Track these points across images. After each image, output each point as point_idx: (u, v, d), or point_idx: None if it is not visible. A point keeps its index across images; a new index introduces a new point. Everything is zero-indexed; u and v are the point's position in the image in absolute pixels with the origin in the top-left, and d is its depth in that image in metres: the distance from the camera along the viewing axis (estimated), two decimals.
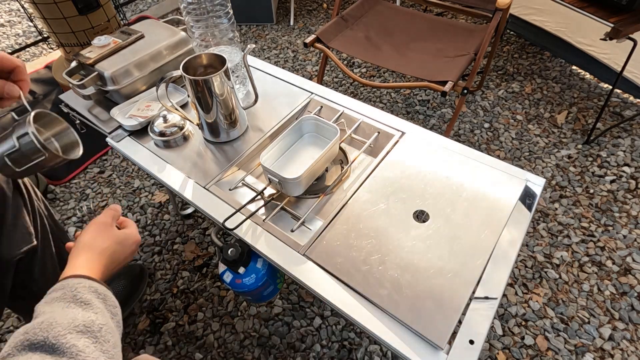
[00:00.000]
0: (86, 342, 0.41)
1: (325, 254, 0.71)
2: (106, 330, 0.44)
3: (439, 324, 0.62)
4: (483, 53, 1.37)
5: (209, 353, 1.13)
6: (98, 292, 0.48)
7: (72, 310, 0.44)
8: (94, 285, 0.48)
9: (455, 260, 0.69)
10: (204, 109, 0.86)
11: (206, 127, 0.92)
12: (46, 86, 2.10)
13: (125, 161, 1.70)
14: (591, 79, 1.90)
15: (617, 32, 1.24)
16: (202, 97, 0.83)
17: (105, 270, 0.55)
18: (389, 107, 1.87)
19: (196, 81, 0.80)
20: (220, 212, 0.79)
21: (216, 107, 0.86)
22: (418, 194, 0.80)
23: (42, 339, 0.39)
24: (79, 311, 0.44)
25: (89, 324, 0.43)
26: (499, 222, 0.74)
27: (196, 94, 0.83)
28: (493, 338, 1.11)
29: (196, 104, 0.86)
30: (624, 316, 1.13)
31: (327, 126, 0.85)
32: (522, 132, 1.68)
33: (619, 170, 1.51)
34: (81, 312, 0.44)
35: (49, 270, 0.86)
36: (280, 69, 1.15)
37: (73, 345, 0.39)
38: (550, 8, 1.90)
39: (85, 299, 0.45)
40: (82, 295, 0.46)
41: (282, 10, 2.62)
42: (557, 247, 1.30)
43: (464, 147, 0.88)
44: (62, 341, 0.39)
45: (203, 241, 1.39)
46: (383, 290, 0.66)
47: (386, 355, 1.10)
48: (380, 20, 1.70)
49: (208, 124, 0.91)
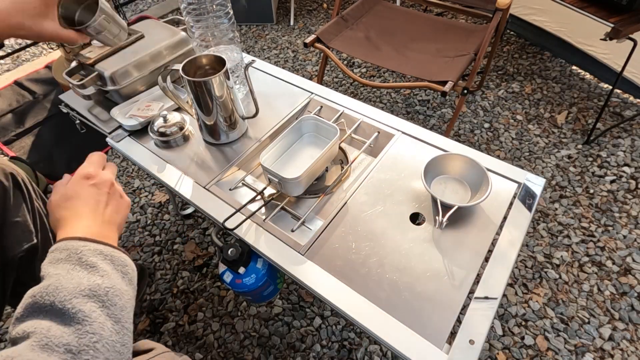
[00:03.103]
0: (92, 306, 0.41)
1: (325, 257, 0.71)
2: (113, 294, 0.44)
3: (438, 324, 0.62)
4: (483, 53, 1.37)
5: (209, 353, 1.13)
6: (104, 254, 0.47)
7: (77, 273, 0.43)
8: (99, 248, 0.47)
9: (451, 261, 0.69)
10: (203, 111, 0.86)
11: (205, 129, 0.92)
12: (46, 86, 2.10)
13: (125, 161, 1.70)
14: (591, 79, 1.90)
15: (617, 32, 1.24)
16: (202, 99, 0.83)
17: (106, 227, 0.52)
18: (389, 107, 1.87)
19: (195, 82, 0.80)
20: (220, 212, 0.79)
21: (216, 109, 0.85)
22: (414, 196, 0.80)
23: (49, 303, 0.40)
24: (84, 274, 0.43)
25: (95, 288, 0.42)
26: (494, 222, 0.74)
27: (195, 95, 0.83)
28: (493, 338, 1.11)
29: (195, 105, 0.86)
30: (624, 316, 1.13)
31: (327, 126, 0.85)
32: (522, 132, 1.68)
33: (619, 170, 1.51)
34: (87, 276, 0.43)
35: None
36: (280, 69, 1.15)
37: (79, 310, 0.40)
38: (550, 8, 1.90)
39: (90, 262, 0.45)
40: (87, 258, 0.45)
41: (282, 10, 2.63)
42: (557, 247, 1.30)
43: (464, 147, 0.88)
44: (68, 306, 0.40)
45: (203, 241, 1.39)
46: (382, 293, 0.66)
47: (386, 355, 1.10)
48: (380, 20, 1.70)
49: (207, 126, 0.91)
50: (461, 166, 0.81)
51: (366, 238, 0.74)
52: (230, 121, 0.90)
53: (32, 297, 0.40)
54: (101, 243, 0.48)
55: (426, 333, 0.61)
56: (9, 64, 2.31)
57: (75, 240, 0.47)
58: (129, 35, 1.06)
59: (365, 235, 0.74)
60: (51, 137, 1.82)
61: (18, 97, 2.05)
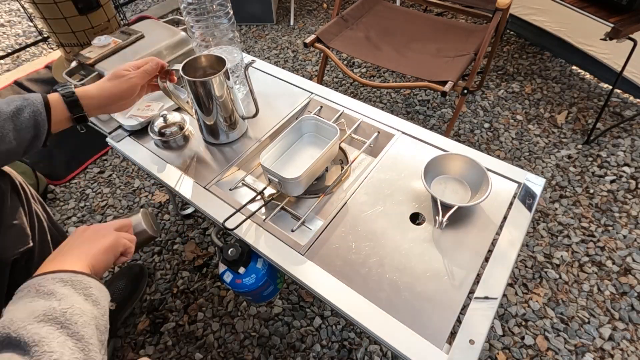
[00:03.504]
0: (49, 329, 0.41)
1: (325, 257, 0.71)
2: (72, 313, 0.44)
3: (438, 324, 0.62)
4: (483, 53, 1.37)
5: (209, 353, 1.13)
6: (63, 280, 0.47)
7: (34, 303, 0.44)
8: (59, 275, 0.48)
9: (451, 261, 0.70)
10: (203, 111, 0.86)
11: (205, 128, 0.92)
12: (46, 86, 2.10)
13: (125, 161, 1.70)
14: (591, 79, 1.90)
15: (617, 32, 1.24)
16: (202, 99, 0.83)
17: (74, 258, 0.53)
18: (389, 107, 1.87)
19: (196, 82, 0.80)
20: (220, 212, 0.79)
21: (216, 110, 0.86)
22: (414, 196, 0.80)
23: (5, 335, 0.40)
24: (41, 303, 0.44)
25: (50, 312, 0.42)
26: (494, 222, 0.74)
27: (196, 95, 0.83)
28: (493, 338, 1.11)
29: (195, 105, 0.86)
30: (624, 316, 1.13)
31: (327, 126, 0.85)
32: (522, 132, 1.68)
33: (619, 170, 1.51)
34: (42, 303, 0.44)
35: None
36: (280, 69, 1.15)
37: (35, 333, 0.40)
38: (550, 8, 1.90)
39: (47, 290, 0.45)
40: (45, 287, 0.46)
41: (282, 10, 2.62)
42: (557, 247, 1.30)
43: (464, 147, 0.88)
44: (23, 332, 0.40)
45: (203, 241, 1.39)
46: (382, 293, 0.66)
47: (386, 355, 1.10)
48: (380, 20, 1.70)
49: (207, 126, 0.91)
50: (461, 166, 0.81)
51: (366, 238, 0.74)
52: (230, 121, 0.90)
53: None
54: (60, 271, 0.49)
55: (426, 333, 0.61)
56: (9, 64, 2.31)
57: (36, 277, 0.48)
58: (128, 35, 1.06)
59: (365, 235, 0.74)
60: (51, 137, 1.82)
61: None
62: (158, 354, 1.13)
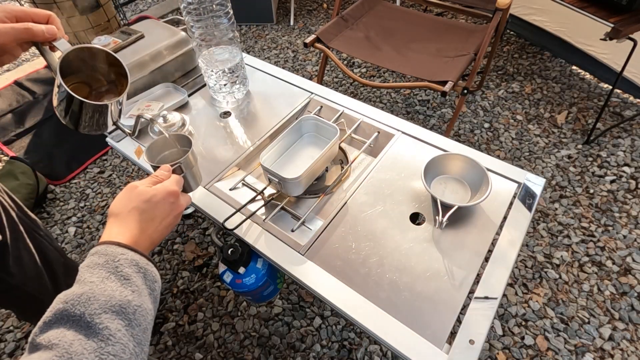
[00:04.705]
0: (119, 325, 0.42)
1: (325, 257, 0.71)
2: (140, 313, 0.44)
3: (438, 324, 0.62)
4: (483, 53, 1.37)
5: (209, 353, 1.13)
6: (139, 266, 0.48)
7: (111, 283, 0.44)
8: (136, 258, 0.48)
9: (451, 261, 0.69)
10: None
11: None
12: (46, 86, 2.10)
13: (125, 161, 1.70)
14: (591, 79, 1.90)
15: (617, 32, 1.24)
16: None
17: (142, 234, 0.53)
18: (389, 107, 1.87)
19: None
20: (220, 212, 0.79)
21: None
22: (414, 196, 0.80)
23: (80, 313, 0.40)
24: (117, 286, 0.44)
25: (125, 304, 0.43)
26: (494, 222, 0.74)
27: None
28: (493, 338, 1.11)
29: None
30: (624, 316, 1.13)
31: (327, 126, 0.85)
32: (522, 132, 1.68)
33: (619, 170, 1.51)
34: (119, 289, 0.44)
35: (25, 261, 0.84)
36: (280, 69, 1.15)
37: (106, 327, 0.40)
38: (550, 8, 1.90)
39: (125, 273, 0.46)
40: (123, 268, 0.46)
41: (282, 10, 2.63)
42: (557, 247, 1.30)
43: (464, 147, 0.88)
44: (97, 320, 0.40)
45: (203, 241, 1.39)
46: (382, 293, 0.66)
47: (386, 355, 1.10)
48: (380, 20, 1.70)
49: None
50: (461, 166, 0.81)
51: (366, 238, 0.74)
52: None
53: (64, 302, 0.41)
54: (137, 252, 0.49)
55: (426, 333, 0.61)
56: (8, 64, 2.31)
57: (115, 246, 0.48)
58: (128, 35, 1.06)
59: (365, 235, 0.74)
60: (51, 137, 1.82)
61: (18, 97, 2.05)
62: (158, 354, 1.13)
